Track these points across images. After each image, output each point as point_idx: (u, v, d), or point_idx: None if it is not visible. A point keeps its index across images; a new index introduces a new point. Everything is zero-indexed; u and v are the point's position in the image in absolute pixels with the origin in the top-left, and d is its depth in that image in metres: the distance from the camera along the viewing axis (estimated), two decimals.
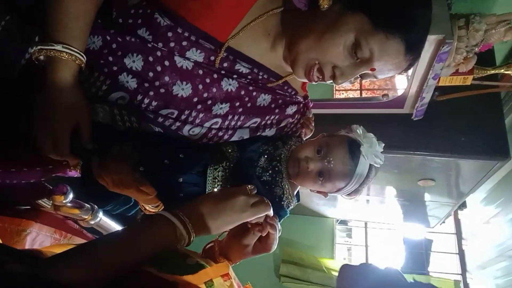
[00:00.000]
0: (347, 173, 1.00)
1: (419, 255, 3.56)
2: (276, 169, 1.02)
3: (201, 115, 0.94)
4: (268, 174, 1.01)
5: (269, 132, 1.08)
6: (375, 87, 4.25)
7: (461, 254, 3.48)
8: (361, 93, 4.05)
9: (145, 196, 0.98)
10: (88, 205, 1.48)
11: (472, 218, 3.36)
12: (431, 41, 1.57)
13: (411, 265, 3.53)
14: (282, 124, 1.09)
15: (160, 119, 0.91)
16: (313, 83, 0.98)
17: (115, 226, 1.70)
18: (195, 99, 0.93)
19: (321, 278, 3.40)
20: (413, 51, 0.86)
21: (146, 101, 0.90)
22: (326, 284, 3.38)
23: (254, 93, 1.00)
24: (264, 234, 0.87)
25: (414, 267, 3.50)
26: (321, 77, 0.93)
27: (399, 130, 2.06)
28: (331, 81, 0.94)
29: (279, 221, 1.00)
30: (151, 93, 0.89)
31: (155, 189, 0.95)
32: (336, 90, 4.12)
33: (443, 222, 3.17)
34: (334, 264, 3.47)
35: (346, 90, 4.29)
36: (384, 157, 1.06)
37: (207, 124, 0.96)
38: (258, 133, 1.04)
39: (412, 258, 3.58)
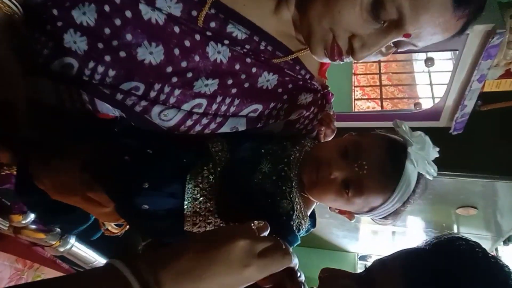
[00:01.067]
0: (386, 185, 0.71)
1: None
2: (283, 174, 0.74)
3: (177, 93, 0.67)
4: (271, 181, 0.73)
5: (275, 126, 0.81)
6: (399, 95, 3.95)
7: None
8: (381, 102, 3.75)
9: (98, 209, 0.71)
10: (58, 229, 1.21)
11: None
12: (476, 32, 1.30)
13: None
14: (293, 117, 0.81)
15: (120, 96, 0.65)
16: (337, 62, 0.71)
17: (92, 255, 1.42)
18: (169, 69, 0.67)
19: None
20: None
21: (101, 69, 0.64)
22: None
23: (254, 69, 0.74)
24: None
25: None
26: (342, 56, 0.68)
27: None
28: (349, 57, 0.67)
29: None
30: (107, 58, 0.64)
31: (110, 197, 0.67)
32: (355, 100, 3.83)
33: None
34: None
35: (365, 98, 3.99)
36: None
37: (186, 106, 0.69)
38: (259, 125, 0.77)
39: None
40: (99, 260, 1.44)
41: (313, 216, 0.83)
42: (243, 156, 0.74)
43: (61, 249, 1.28)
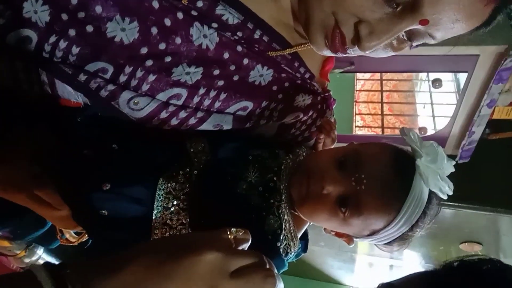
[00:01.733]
0: (390, 203, 0.60)
1: None
2: (271, 185, 0.63)
3: (151, 79, 0.57)
4: (257, 193, 0.62)
5: (267, 129, 0.71)
6: (400, 126, 3.87)
7: None
8: (383, 131, 3.66)
9: (50, 211, 0.59)
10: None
11: None
12: (488, 53, 1.22)
13: None
14: (288, 120, 0.71)
15: (83, 78, 0.55)
16: (341, 55, 0.62)
17: None
18: (144, 50, 0.57)
19: None
20: None
21: (63, 45, 0.55)
22: None
23: (246, 61, 0.64)
24: None
25: None
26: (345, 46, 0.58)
27: None
28: (354, 48, 0.58)
29: None
30: (72, 32, 0.54)
31: (62, 197, 0.56)
32: (356, 127, 3.75)
33: None
34: None
35: (366, 126, 3.91)
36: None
37: (161, 96, 0.59)
38: (248, 126, 0.66)
39: None
40: None
41: (304, 238, 0.71)
42: (226, 160, 0.63)
43: (27, 260, 1.17)
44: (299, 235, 0.67)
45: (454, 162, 0.63)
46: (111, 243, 0.62)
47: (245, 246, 0.42)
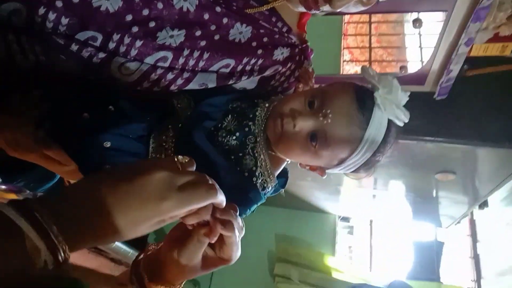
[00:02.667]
0: (352, 133, 0.68)
1: (429, 259, 3.21)
2: (247, 129, 0.70)
3: (138, 44, 0.62)
4: (234, 137, 0.69)
5: (248, 83, 0.76)
6: (388, 58, 3.90)
7: (476, 259, 3.13)
8: (370, 65, 3.69)
9: (59, 167, 0.67)
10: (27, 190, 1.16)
11: (491, 218, 3.02)
12: None
13: (420, 270, 3.19)
14: (268, 73, 0.76)
15: (75, 47, 0.59)
16: (314, 12, 0.66)
17: None
18: (129, 18, 0.60)
19: (320, 280, 3.09)
20: None
21: (52, 17, 0.58)
22: (325, 287, 3.06)
23: (225, 20, 0.68)
24: (213, 240, 0.50)
25: (423, 272, 3.15)
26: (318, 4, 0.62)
27: (417, 111, 1.67)
28: (326, 5, 0.62)
29: (251, 208, 0.69)
30: (59, 3, 0.57)
31: (69, 156, 0.63)
32: (343, 62, 3.76)
33: (459, 222, 2.84)
34: (334, 262, 3.15)
35: (353, 61, 3.93)
36: (398, 144, 0.74)
37: (149, 60, 0.63)
38: (231, 82, 0.72)
39: (421, 262, 3.23)
40: None
41: (285, 176, 0.80)
42: (208, 111, 0.69)
43: None
44: (276, 173, 0.76)
45: (408, 93, 0.70)
46: None
47: (191, 169, 0.48)
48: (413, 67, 2.63)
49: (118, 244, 1.70)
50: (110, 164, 0.63)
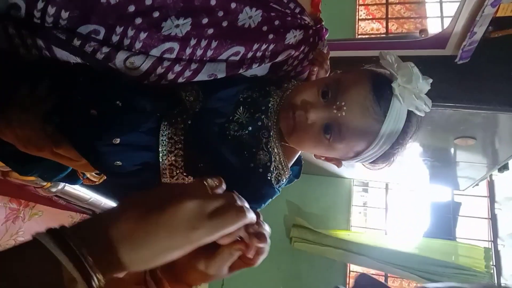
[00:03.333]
0: (369, 126, 0.64)
1: (446, 219, 3.22)
2: (260, 123, 0.68)
3: (143, 36, 0.59)
4: (247, 132, 0.67)
5: (259, 70, 0.73)
6: (406, 14, 3.71)
7: (493, 219, 3.13)
8: (387, 23, 3.53)
9: (71, 162, 0.66)
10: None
11: (509, 180, 2.98)
12: None
13: (436, 230, 3.21)
14: (280, 58, 0.72)
15: (77, 42, 0.57)
16: None
17: (86, 193, 1.42)
18: (131, 9, 0.57)
19: (334, 242, 3.15)
20: None
21: (52, 11, 0.55)
22: (342, 247, 3.13)
23: (233, 5, 0.64)
24: (251, 255, 0.50)
25: (439, 232, 3.17)
26: None
27: (438, 76, 1.61)
28: None
29: (265, 202, 0.68)
30: None
31: (80, 154, 0.62)
32: (359, 20, 3.61)
33: (477, 184, 2.80)
34: (349, 236, 3.19)
35: (369, 19, 3.76)
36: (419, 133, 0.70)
37: (155, 52, 0.61)
38: (241, 71, 0.69)
39: (437, 222, 3.25)
40: (94, 197, 1.43)
41: (298, 164, 0.78)
42: (217, 106, 0.67)
43: (53, 190, 1.27)
44: (290, 164, 0.74)
45: (430, 80, 0.65)
46: (127, 187, 0.70)
47: (220, 190, 0.48)
48: (433, 25, 2.49)
49: None
50: (121, 160, 0.62)
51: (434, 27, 3.73)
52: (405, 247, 3.03)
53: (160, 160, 0.64)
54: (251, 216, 0.46)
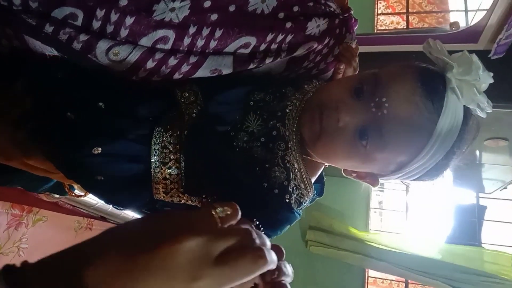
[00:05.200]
0: (419, 127, 0.51)
1: (470, 223, 3.05)
2: (275, 133, 0.55)
3: (129, 22, 0.48)
4: (259, 143, 0.54)
5: (274, 66, 0.61)
6: (426, 7, 3.54)
7: None
8: (407, 17, 3.36)
9: (46, 174, 0.56)
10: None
11: None
12: None
13: (460, 235, 3.04)
14: (300, 52, 0.60)
15: (49, 28, 0.46)
16: None
17: (93, 199, 1.33)
18: None
19: (352, 246, 3.02)
20: None
21: None
22: (359, 252, 3.00)
23: None
24: None
25: (463, 237, 3.01)
26: None
27: None
28: None
29: (283, 229, 0.56)
30: None
31: (53, 164, 0.52)
32: (377, 15, 3.45)
33: (505, 187, 2.64)
34: (368, 236, 3.06)
35: (388, 13, 3.60)
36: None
37: (145, 41, 0.50)
38: (252, 67, 0.57)
39: (461, 226, 3.08)
40: (101, 202, 1.36)
41: (320, 181, 0.66)
42: (220, 111, 0.55)
43: (57, 195, 1.19)
44: (313, 179, 0.62)
45: (491, 74, 0.52)
46: (112, 202, 0.59)
47: (233, 222, 0.36)
48: (456, 20, 2.33)
49: None
50: (103, 173, 0.51)
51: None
52: (427, 252, 2.89)
53: (152, 173, 0.53)
54: (272, 261, 0.34)
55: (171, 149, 0.53)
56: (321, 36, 0.61)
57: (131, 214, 1.51)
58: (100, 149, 0.50)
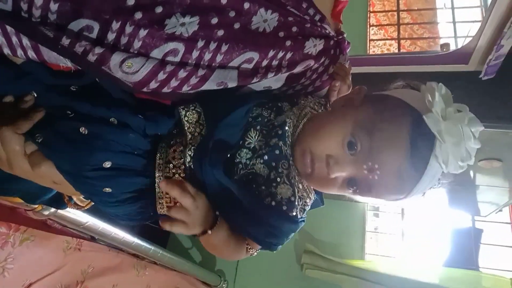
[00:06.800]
0: (401, 189, 0.56)
1: (467, 247, 3.04)
2: (278, 152, 0.58)
3: (143, 34, 0.50)
4: (262, 161, 0.57)
5: (274, 82, 0.64)
6: (418, 31, 3.64)
7: None
8: (399, 43, 3.46)
9: (54, 185, 0.57)
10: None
11: None
12: None
13: (457, 259, 3.02)
14: (298, 69, 0.64)
15: (66, 41, 0.49)
16: None
17: (82, 216, 1.31)
18: (131, 1, 0.49)
19: (348, 269, 2.98)
20: None
21: (39, 2, 0.48)
22: (356, 275, 2.96)
23: (247, 5, 0.55)
24: None
25: (461, 261, 2.99)
26: None
27: (461, 93, 1.51)
28: None
29: (288, 237, 0.59)
30: None
31: (64, 177, 0.53)
32: (370, 41, 3.54)
33: (500, 210, 2.65)
34: (364, 265, 3.03)
35: (382, 39, 3.69)
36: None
37: (156, 53, 0.52)
38: (255, 81, 0.60)
39: (458, 250, 3.07)
40: (91, 221, 1.33)
41: (319, 193, 0.68)
42: (225, 135, 0.57)
43: (46, 213, 1.16)
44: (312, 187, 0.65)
45: (479, 145, 0.54)
46: (116, 215, 0.61)
47: None
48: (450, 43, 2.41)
49: (138, 242, 1.62)
50: (111, 186, 0.53)
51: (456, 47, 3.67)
52: (424, 277, 2.86)
53: (157, 188, 0.55)
54: None
55: (175, 163, 0.55)
56: (317, 55, 0.65)
57: (121, 234, 1.48)
58: (110, 163, 0.52)
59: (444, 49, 1.49)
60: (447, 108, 0.52)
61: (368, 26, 3.72)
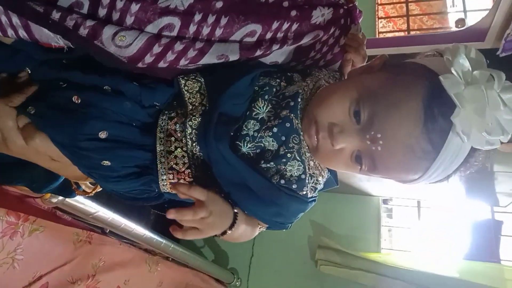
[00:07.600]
0: (413, 166, 0.50)
1: (487, 239, 2.95)
2: (288, 125, 0.53)
3: (135, 9, 0.48)
4: (271, 134, 0.53)
5: (280, 55, 0.60)
6: (427, 21, 3.55)
7: None
8: (408, 27, 3.38)
9: (52, 163, 0.55)
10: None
11: None
12: None
13: (477, 252, 2.94)
14: (306, 41, 0.60)
15: (56, 15, 0.46)
16: None
17: (92, 206, 1.28)
18: None
19: (365, 264, 2.93)
20: None
21: None
22: (373, 271, 2.90)
23: None
24: None
25: (482, 254, 2.91)
26: None
27: None
28: None
29: (296, 217, 0.55)
30: None
31: (58, 148, 0.51)
32: (378, 33, 3.47)
33: None
34: (380, 258, 2.97)
35: (390, 31, 3.60)
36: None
37: (150, 28, 0.49)
38: (259, 53, 0.56)
39: (478, 243, 2.98)
40: (101, 210, 1.30)
41: (332, 172, 0.64)
42: (229, 113, 0.53)
43: (54, 200, 1.14)
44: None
45: None
46: (119, 194, 0.58)
47: None
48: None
49: (150, 235, 1.59)
50: (110, 159, 0.50)
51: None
52: (444, 270, 2.78)
53: (158, 163, 0.52)
54: None
55: (177, 137, 0.52)
56: (326, 25, 0.61)
57: (132, 226, 1.45)
58: (106, 132, 0.50)
59: (459, 25, 1.43)
60: (474, 71, 0.45)
61: (377, 19, 3.65)
